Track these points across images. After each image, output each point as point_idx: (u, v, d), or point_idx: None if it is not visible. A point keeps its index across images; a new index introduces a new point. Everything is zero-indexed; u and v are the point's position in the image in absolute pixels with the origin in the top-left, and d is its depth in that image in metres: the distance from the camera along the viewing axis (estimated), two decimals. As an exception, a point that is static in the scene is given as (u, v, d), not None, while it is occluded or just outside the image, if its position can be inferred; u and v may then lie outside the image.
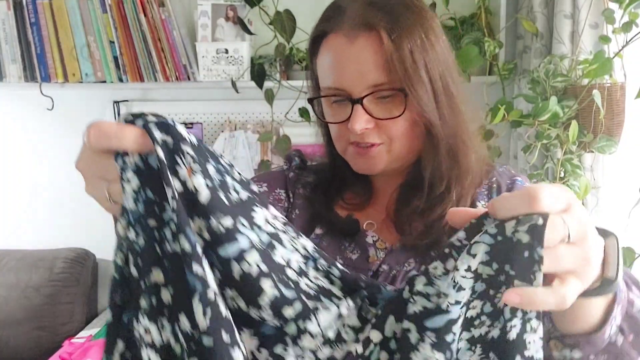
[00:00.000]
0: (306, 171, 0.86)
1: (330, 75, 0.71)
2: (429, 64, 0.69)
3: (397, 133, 0.71)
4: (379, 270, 0.73)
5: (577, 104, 1.46)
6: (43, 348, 1.81)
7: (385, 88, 0.68)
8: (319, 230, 0.78)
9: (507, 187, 0.76)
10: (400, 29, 0.67)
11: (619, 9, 1.40)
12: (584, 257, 0.41)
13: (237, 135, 1.96)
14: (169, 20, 1.79)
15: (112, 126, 0.44)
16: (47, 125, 2.05)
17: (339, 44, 0.70)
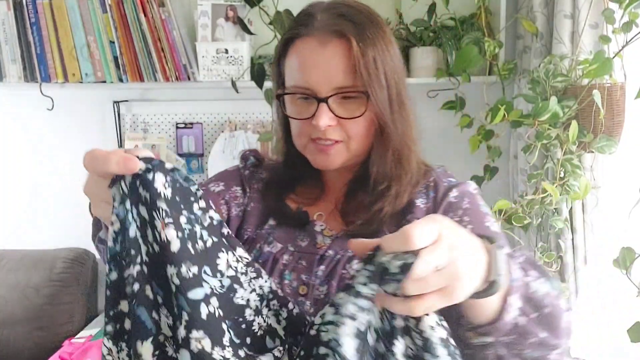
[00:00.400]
0: (261, 168, 0.95)
1: (299, 75, 0.78)
2: (387, 72, 0.78)
3: (356, 132, 0.79)
4: (325, 254, 0.81)
5: (577, 104, 1.46)
6: (43, 348, 1.81)
7: (350, 90, 0.77)
8: (272, 221, 0.87)
9: (443, 185, 0.85)
10: (366, 39, 0.76)
11: (619, 9, 1.40)
12: (452, 277, 0.48)
13: (237, 135, 1.96)
14: (169, 20, 1.79)
15: (101, 152, 0.52)
16: (47, 125, 2.05)
17: (311, 47, 0.77)
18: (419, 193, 0.84)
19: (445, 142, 1.99)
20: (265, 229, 0.86)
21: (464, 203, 0.82)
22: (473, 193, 0.84)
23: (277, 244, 0.84)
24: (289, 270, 0.81)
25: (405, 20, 1.85)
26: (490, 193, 1.73)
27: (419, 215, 0.81)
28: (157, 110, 2.02)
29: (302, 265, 0.81)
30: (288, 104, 0.83)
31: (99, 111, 2.04)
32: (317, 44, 0.77)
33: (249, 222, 0.87)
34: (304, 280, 0.79)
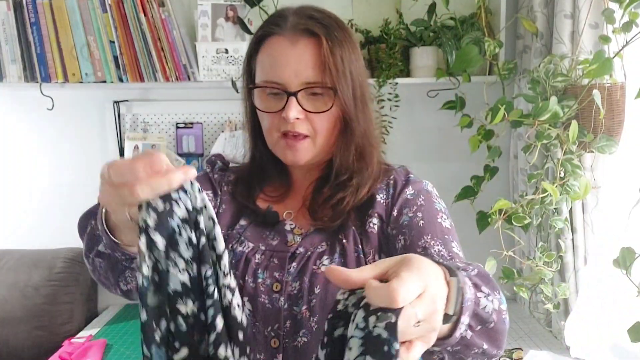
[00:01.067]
0: (228, 171, 0.99)
1: (270, 70, 0.83)
2: (353, 72, 0.85)
3: (322, 127, 0.85)
4: (295, 252, 0.86)
5: (577, 104, 1.46)
6: (43, 348, 1.81)
7: (318, 85, 0.82)
8: (244, 221, 0.91)
9: (402, 183, 0.90)
10: (334, 39, 0.83)
11: (619, 9, 1.40)
12: (431, 329, 0.48)
13: (238, 135, 1.96)
14: (169, 20, 1.79)
15: (125, 164, 0.55)
16: (47, 125, 2.05)
17: (282, 45, 0.83)
18: (380, 189, 0.90)
19: (445, 142, 1.99)
20: (236, 229, 0.90)
21: (419, 200, 0.87)
22: (429, 191, 0.90)
23: (248, 243, 0.88)
24: (261, 269, 0.85)
25: (405, 20, 1.85)
26: (490, 193, 1.73)
27: (379, 210, 0.87)
28: (157, 110, 2.02)
29: (274, 264, 0.85)
30: (258, 100, 0.87)
31: (99, 111, 2.04)
32: (289, 42, 0.82)
33: (221, 223, 0.90)
34: (277, 277, 0.83)
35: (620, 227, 1.51)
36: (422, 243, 0.81)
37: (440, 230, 0.83)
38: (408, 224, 0.84)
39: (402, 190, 0.88)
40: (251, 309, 0.83)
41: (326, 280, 0.80)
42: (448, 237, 0.82)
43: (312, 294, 0.81)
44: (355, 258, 0.84)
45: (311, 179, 0.93)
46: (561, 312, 1.67)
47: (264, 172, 0.94)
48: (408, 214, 0.85)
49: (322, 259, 0.84)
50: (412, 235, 0.82)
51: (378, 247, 0.85)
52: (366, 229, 0.86)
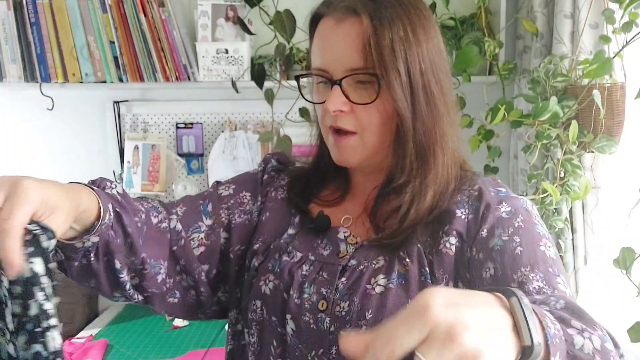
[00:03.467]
0: (283, 173, 0.88)
1: (317, 56, 0.74)
2: (409, 58, 0.71)
3: (369, 121, 0.72)
4: (347, 265, 0.74)
5: (577, 104, 1.46)
6: (43, 348, 1.81)
7: (362, 72, 0.71)
8: (292, 230, 0.80)
9: (491, 196, 0.74)
10: (383, 18, 0.70)
11: (619, 9, 1.40)
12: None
13: (238, 136, 1.96)
14: (169, 20, 1.79)
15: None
16: (47, 125, 2.05)
17: (328, 27, 0.73)
18: (460, 202, 0.75)
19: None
20: (284, 239, 0.80)
21: (516, 220, 0.71)
22: (529, 210, 0.73)
23: (296, 253, 0.77)
24: (308, 283, 0.74)
25: (405, 20, 1.84)
26: (490, 193, 1.73)
27: (458, 227, 0.72)
28: (157, 110, 2.02)
29: (323, 278, 0.74)
30: (313, 90, 0.78)
31: (99, 111, 2.03)
32: (334, 23, 0.72)
33: (263, 231, 0.82)
34: (324, 294, 0.72)
35: (620, 227, 1.51)
36: (519, 276, 0.65)
37: (543, 260, 0.67)
38: (501, 250, 0.68)
39: (492, 206, 0.72)
40: (294, 329, 0.73)
41: (380, 304, 0.69)
42: (552, 270, 0.66)
43: (362, 319, 0.69)
44: (419, 282, 0.70)
45: (375, 182, 0.79)
46: (561, 312, 1.67)
47: (325, 172, 0.84)
48: (502, 236, 0.69)
49: (377, 277, 0.71)
50: (504, 264, 0.67)
51: (454, 272, 0.71)
52: (440, 248, 0.71)
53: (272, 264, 0.78)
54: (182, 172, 2.02)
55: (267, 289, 0.76)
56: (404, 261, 0.71)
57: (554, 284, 0.64)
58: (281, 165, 0.89)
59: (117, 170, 2.01)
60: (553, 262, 0.67)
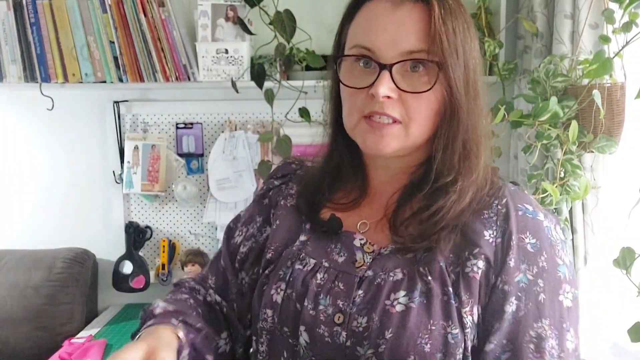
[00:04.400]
0: (291, 182, 0.86)
1: (364, 35, 0.69)
2: (467, 52, 0.69)
3: (418, 112, 0.68)
4: (364, 276, 0.71)
5: (577, 104, 1.46)
6: (43, 348, 1.81)
7: (422, 57, 0.66)
8: (304, 237, 0.78)
9: (517, 218, 0.70)
10: (447, 8, 0.68)
11: (619, 9, 1.40)
12: None
13: (237, 136, 1.96)
14: (169, 20, 1.79)
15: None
16: (47, 125, 2.05)
17: (382, 8, 0.68)
18: (489, 220, 0.70)
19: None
20: (296, 246, 0.77)
21: (540, 259, 0.68)
22: (552, 243, 0.70)
23: (310, 260, 0.74)
24: (324, 293, 0.71)
25: (405, 20, 1.84)
26: (490, 193, 1.72)
27: (487, 252, 0.68)
28: (157, 110, 2.02)
29: (339, 289, 0.70)
30: (344, 72, 0.72)
31: (99, 111, 2.03)
32: (390, 5, 0.68)
33: (274, 239, 0.80)
34: (340, 307, 0.69)
35: (620, 227, 1.50)
36: (539, 328, 0.66)
37: (560, 315, 0.67)
38: (526, 289, 0.67)
39: (518, 233, 0.69)
40: (308, 341, 0.70)
41: (401, 324, 0.66)
42: (566, 325, 0.68)
43: (381, 337, 0.66)
44: (443, 303, 0.67)
45: (398, 184, 0.75)
46: (561, 312, 1.66)
47: (339, 173, 0.79)
48: (527, 274, 0.68)
49: (397, 293, 0.68)
50: (528, 308, 0.67)
51: (479, 297, 0.68)
52: (466, 271, 0.68)
53: (283, 271, 0.75)
54: (182, 172, 2.02)
55: (279, 297, 0.74)
56: (425, 278, 0.68)
57: (563, 342, 0.67)
58: (286, 177, 0.87)
59: (117, 170, 2.01)
60: (567, 315, 0.68)
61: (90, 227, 2.07)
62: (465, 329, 0.66)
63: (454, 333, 0.66)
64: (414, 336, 0.65)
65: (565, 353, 0.67)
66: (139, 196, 2.03)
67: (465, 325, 0.66)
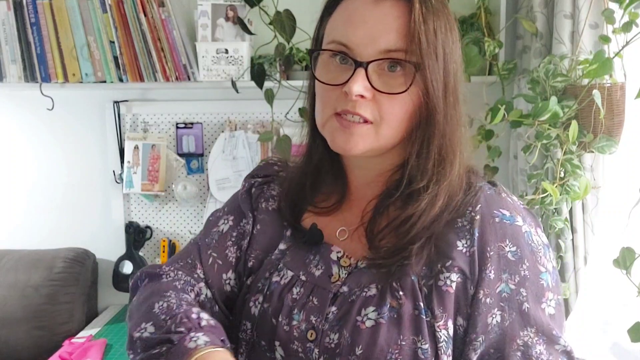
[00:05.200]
0: (273, 183, 0.84)
1: (342, 30, 0.66)
2: (448, 55, 0.66)
3: (391, 112, 0.66)
4: (339, 292, 0.70)
5: (577, 104, 1.46)
6: (43, 348, 1.81)
7: (398, 56, 0.64)
8: (283, 245, 0.77)
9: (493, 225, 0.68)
10: (429, 7, 0.65)
11: (619, 9, 1.40)
12: None
13: (237, 135, 1.96)
14: (169, 20, 1.79)
15: None
16: (47, 125, 2.05)
17: (362, 3, 0.66)
18: (461, 229, 0.68)
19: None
20: (275, 255, 0.76)
21: (522, 267, 0.67)
22: (533, 250, 0.68)
23: (287, 272, 0.74)
24: (298, 309, 0.70)
25: (405, 20, 1.84)
26: (490, 193, 1.72)
27: (460, 263, 0.67)
28: (157, 110, 2.02)
29: (313, 304, 0.70)
30: (320, 68, 0.69)
31: (99, 111, 2.03)
32: (371, 1, 0.66)
33: (254, 247, 0.79)
34: (313, 323, 0.69)
35: (620, 227, 1.50)
36: (525, 336, 0.66)
37: (546, 322, 0.67)
38: (508, 298, 0.66)
39: (496, 241, 0.67)
40: (283, 355, 0.70)
41: (371, 340, 0.66)
42: (554, 333, 0.67)
43: (352, 354, 0.66)
44: (413, 318, 0.66)
45: (376, 188, 0.73)
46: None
47: (320, 174, 0.77)
48: (509, 283, 0.66)
49: (367, 308, 0.67)
50: (513, 318, 0.66)
51: (454, 308, 0.67)
52: (439, 284, 0.67)
53: (262, 283, 0.75)
54: (182, 172, 2.02)
55: (257, 311, 0.74)
56: (396, 293, 0.67)
57: (552, 348, 0.67)
58: (268, 177, 0.85)
59: (117, 170, 2.01)
60: (553, 321, 0.68)
61: (90, 227, 2.07)
62: (438, 344, 0.66)
63: (423, 348, 0.65)
64: (384, 352, 0.65)
65: (554, 356, 0.67)
66: (139, 196, 2.03)
67: (438, 339, 0.66)
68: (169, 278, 0.78)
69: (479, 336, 0.66)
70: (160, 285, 0.75)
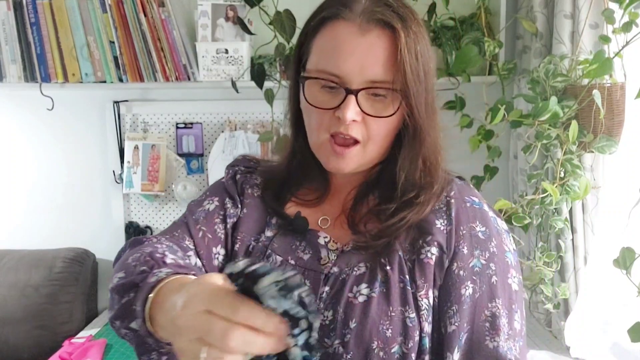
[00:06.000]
0: (254, 174, 0.88)
1: (330, 60, 0.71)
2: (427, 73, 0.73)
3: (378, 133, 0.73)
4: (330, 272, 0.75)
5: (577, 104, 1.46)
6: (43, 348, 1.81)
7: (385, 87, 0.70)
8: (270, 232, 0.81)
9: (466, 210, 0.77)
10: (411, 34, 0.71)
11: (619, 9, 1.40)
12: None
13: (237, 135, 1.96)
14: (169, 20, 1.79)
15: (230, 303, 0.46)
16: (47, 125, 2.05)
17: (350, 32, 0.70)
18: (439, 212, 0.77)
19: (445, 142, 1.99)
20: (262, 241, 0.80)
21: (491, 244, 0.75)
22: (500, 232, 0.77)
23: (276, 257, 0.78)
24: None
25: (405, 20, 1.84)
26: (490, 193, 1.73)
27: (439, 239, 0.75)
28: (157, 110, 2.02)
29: None
30: (309, 91, 0.74)
31: (99, 111, 2.03)
32: (358, 30, 0.70)
33: (241, 229, 0.82)
34: None
35: (620, 227, 1.50)
36: (492, 307, 0.72)
37: (509, 296, 0.74)
38: (480, 272, 0.74)
39: (468, 222, 0.76)
40: None
41: (363, 314, 0.71)
42: (514, 306, 0.74)
43: (346, 328, 0.71)
44: (400, 289, 0.73)
45: (355, 183, 0.81)
46: (561, 312, 1.67)
47: (302, 171, 0.83)
48: (480, 259, 0.74)
49: (359, 285, 0.73)
50: (483, 288, 0.73)
51: (433, 281, 0.74)
52: (421, 257, 0.74)
53: None
54: (182, 172, 2.02)
55: None
56: (385, 268, 0.74)
57: (512, 322, 0.73)
58: (249, 168, 0.89)
59: (117, 170, 2.01)
60: (515, 297, 0.75)
61: (90, 227, 2.07)
62: (420, 311, 0.72)
63: (411, 317, 0.72)
64: (376, 323, 0.71)
65: (514, 332, 0.73)
66: (139, 196, 2.03)
67: (420, 308, 0.72)
68: (152, 241, 0.78)
69: (453, 305, 0.73)
70: (140, 247, 0.75)
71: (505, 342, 0.71)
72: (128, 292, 0.65)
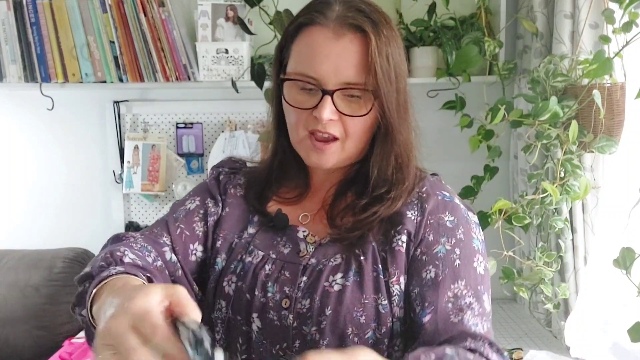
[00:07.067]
0: (238, 175, 0.93)
1: (307, 63, 0.76)
2: (398, 75, 0.78)
3: (355, 130, 0.78)
4: (308, 264, 0.80)
5: (577, 104, 1.46)
6: (43, 348, 1.81)
7: (359, 88, 0.75)
8: (252, 229, 0.85)
9: (436, 201, 0.82)
10: (382, 37, 0.76)
11: (619, 9, 1.40)
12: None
13: (237, 135, 1.96)
14: (169, 20, 1.79)
15: None
16: (47, 125, 2.05)
17: (324, 37, 0.75)
18: (411, 204, 0.82)
19: (445, 142, 1.99)
20: (244, 238, 0.84)
21: (458, 232, 0.80)
22: (468, 221, 0.82)
23: (258, 252, 0.82)
24: (272, 282, 0.79)
25: (405, 20, 1.85)
26: (490, 193, 1.73)
27: (409, 227, 0.79)
28: (157, 110, 2.02)
29: (285, 277, 0.79)
30: (288, 92, 0.80)
31: (99, 111, 2.03)
32: (332, 35, 0.75)
33: (223, 227, 0.86)
34: (286, 293, 0.78)
35: (620, 227, 1.50)
36: (455, 289, 0.75)
37: (474, 278, 0.77)
38: (443, 257, 0.78)
39: (437, 213, 0.81)
40: (260, 326, 0.79)
41: (338, 302, 0.75)
42: (481, 287, 0.77)
43: (322, 315, 0.76)
44: (373, 278, 0.77)
45: (334, 180, 0.86)
46: (561, 312, 1.67)
47: (284, 170, 0.87)
48: (445, 245, 0.78)
49: (335, 275, 0.78)
50: (445, 272, 0.77)
51: (405, 268, 0.79)
52: (393, 246, 0.79)
53: (234, 265, 0.82)
54: (182, 172, 2.02)
55: (230, 290, 0.81)
56: (359, 258, 0.78)
57: (481, 301, 0.76)
58: (233, 169, 0.94)
59: (117, 170, 2.01)
60: (481, 280, 0.78)
61: (90, 227, 2.07)
62: (392, 298, 0.76)
63: (383, 304, 0.76)
64: (350, 310, 0.75)
65: (483, 310, 0.76)
66: (139, 196, 2.03)
67: (392, 294, 0.77)
68: (129, 240, 0.83)
69: (415, 288, 0.77)
70: (116, 244, 0.81)
71: (472, 318, 0.74)
72: (84, 283, 0.74)
